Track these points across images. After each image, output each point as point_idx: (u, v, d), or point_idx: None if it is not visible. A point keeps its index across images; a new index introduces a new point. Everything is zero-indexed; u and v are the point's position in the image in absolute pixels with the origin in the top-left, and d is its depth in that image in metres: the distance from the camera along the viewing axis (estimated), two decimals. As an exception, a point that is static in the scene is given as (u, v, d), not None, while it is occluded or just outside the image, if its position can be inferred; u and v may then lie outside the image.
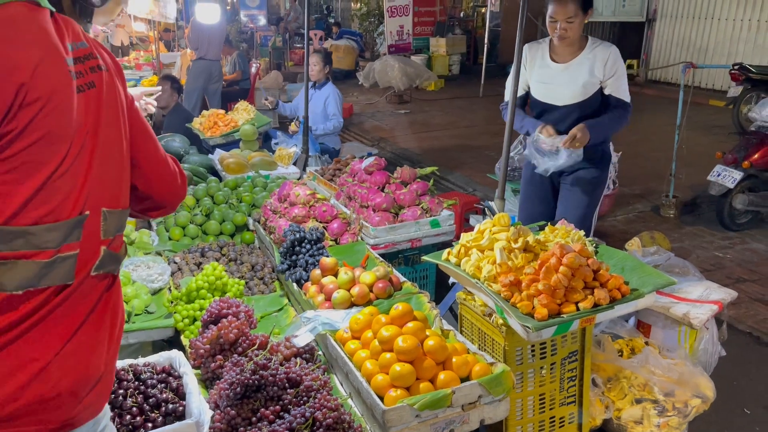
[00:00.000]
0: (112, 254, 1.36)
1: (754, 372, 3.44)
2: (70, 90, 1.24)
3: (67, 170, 1.24)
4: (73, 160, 1.25)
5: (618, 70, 3.26)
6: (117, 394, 1.94)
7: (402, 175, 3.73)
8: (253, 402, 2.04)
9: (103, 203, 1.33)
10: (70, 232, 1.25)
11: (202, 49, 8.11)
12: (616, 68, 3.26)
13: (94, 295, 1.32)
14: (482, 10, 17.22)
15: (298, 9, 17.41)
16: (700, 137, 8.07)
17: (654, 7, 12.86)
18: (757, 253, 5.03)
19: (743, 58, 10.65)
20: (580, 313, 2.21)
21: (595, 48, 3.28)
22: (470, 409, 2.01)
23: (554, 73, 3.36)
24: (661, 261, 3.33)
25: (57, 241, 1.23)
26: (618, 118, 3.29)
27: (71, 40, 1.28)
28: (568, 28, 3.19)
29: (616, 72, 3.26)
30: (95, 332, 1.32)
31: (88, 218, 1.28)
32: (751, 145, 5.29)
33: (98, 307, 1.33)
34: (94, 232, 1.31)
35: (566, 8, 3.15)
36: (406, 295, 2.63)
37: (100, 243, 1.33)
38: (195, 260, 3.35)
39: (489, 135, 9.05)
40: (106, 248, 1.34)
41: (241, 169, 4.73)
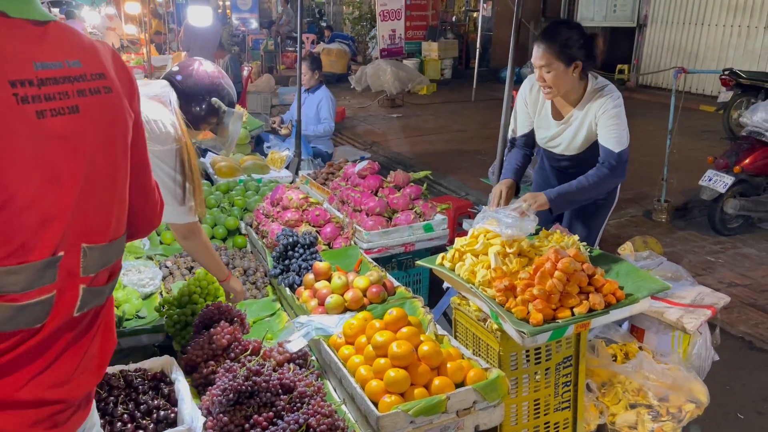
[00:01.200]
0: (95, 290, 1.25)
1: (747, 377, 3.45)
2: (12, 115, 1.07)
3: (29, 205, 1.10)
4: (37, 193, 1.11)
5: (609, 120, 2.81)
6: (107, 401, 1.91)
7: (395, 179, 3.72)
8: (246, 408, 2.01)
9: (84, 238, 1.20)
10: (41, 275, 1.13)
11: (194, 52, 8.09)
12: (608, 119, 2.81)
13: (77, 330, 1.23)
14: (474, 14, 17.28)
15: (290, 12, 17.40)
16: (691, 142, 8.12)
17: (645, 13, 12.94)
18: (749, 258, 5.05)
19: (733, 63, 10.72)
20: (575, 318, 2.20)
21: (590, 102, 2.86)
22: (465, 414, 1.99)
23: (552, 128, 3.04)
24: (653, 265, 3.33)
25: (23, 284, 1.10)
26: (602, 176, 2.80)
27: (54, 58, 1.14)
28: (546, 78, 2.77)
29: (607, 124, 2.82)
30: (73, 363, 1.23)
31: (63, 258, 1.15)
32: (742, 150, 5.32)
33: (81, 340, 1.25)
34: (72, 272, 1.19)
35: (542, 55, 2.74)
36: (399, 299, 2.61)
37: (79, 282, 1.20)
38: (186, 264, 3.32)
39: (481, 139, 9.06)
40: (85, 287, 1.22)
41: (233, 173, 4.71)
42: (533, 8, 14.69)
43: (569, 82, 2.80)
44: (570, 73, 2.76)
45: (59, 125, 1.13)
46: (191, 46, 8.09)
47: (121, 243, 1.34)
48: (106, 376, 1.99)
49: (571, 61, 2.74)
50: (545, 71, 2.75)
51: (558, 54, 2.71)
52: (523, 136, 3.16)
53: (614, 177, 2.83)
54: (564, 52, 2.71)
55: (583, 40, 2.76)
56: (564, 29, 2.76)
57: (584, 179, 2.80)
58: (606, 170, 2.80)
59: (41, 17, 1.16)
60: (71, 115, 1.16)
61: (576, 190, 2.79)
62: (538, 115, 3.08)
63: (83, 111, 1.18)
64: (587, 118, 2.89)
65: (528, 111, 3.09)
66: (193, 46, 8.08)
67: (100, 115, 1.22)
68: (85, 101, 1.18)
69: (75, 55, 1.19)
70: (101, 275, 1.26)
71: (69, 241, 1.17)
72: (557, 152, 3.11)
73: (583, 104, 2.88)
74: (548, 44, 2.72)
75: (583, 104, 2.87)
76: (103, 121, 1.23)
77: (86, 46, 1.24)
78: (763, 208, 5.42)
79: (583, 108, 2.88)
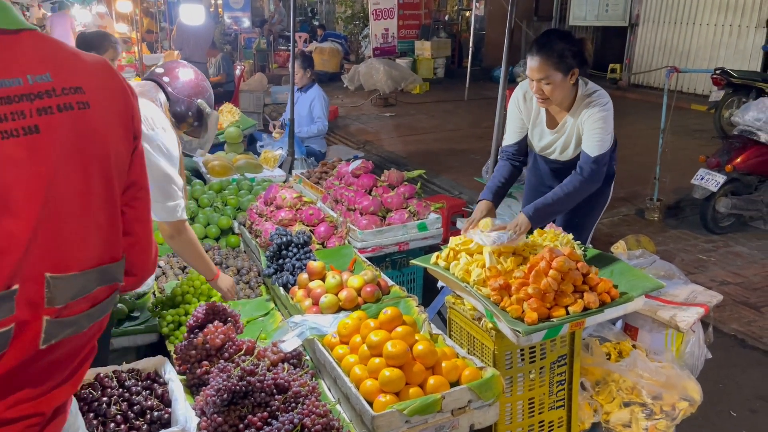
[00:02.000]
0: (65, 321, 1.14)
1: (739, 375, 3.46)
2: None
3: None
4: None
5: (593, 124, 2.79)
6: (100, 402, 1.90)
7: (389, 178, 3.71)
8: (241, 408, 2.00)
9: (49, 268, 1.10)
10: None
11: (187, 50, 8.06)
12: (592, 123, 2.79)
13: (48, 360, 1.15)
14: (467, 13, 17.30)
15: (282, 11, 17.34)
16: (683, 141, 8.15)
17: (637, 12, 12.98)
18: (741, 256, 5.07)
19: (724, 62, 10.76)
20: (570, 317, 2.20)
21: (580, 108, 2.84)
22: (460, 414, 1.99)
23: (547, 136, 3.03)
24: (646, 264, 3.34)
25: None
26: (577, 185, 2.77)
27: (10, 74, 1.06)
28: (545, 89, 2.75)
29: (591, 128, 2.80)
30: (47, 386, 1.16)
31: (21, 289, 1.06)
32: (734, 149, 5.34)
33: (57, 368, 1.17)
34: (34, 303, 1.09)
35: (540, 68, 2.72)
36: (394, 299, 2.61)
37: (43, 313, 1.10)
38: (180, 264, 3.31)
39: (474, 138, 9.07)
40: (50, 318, 1.11)
41: (226, 172, 4.69)
42: (526, 8, 14.72)
43: (566, 90, 2.80)
44: (568, 81, 2.76)
45: (11, 148, 1.04)
46: (184, 44, 8.05)
47: (105, 271, 1.22)
48: (98, 377, 1.98)
49: (568, 70, 2.73)
50: (544, 83, 2.74)
51: (556, 65, 2.70)
52: (515, 144, 3.11)
53: (589, 183, 2.80)
54: (561, 62, 2.70)
55: (576, 47, 2.76)
56: (557, 39, 2.75)
57: (559, 190, 2.78)
58: (580, 177, 2.78)
59: (11, 25, 1.09)
60: (28, 137, 1.06)
61: (552, 202, 2.76)
62: (532, 124, 3.06)
63: (45, 130, 1.08)
64: (576, 125, 2.89)
65: (522, 117, 3.06)
66: (186, 45, 8.04)
67: (69, 134, 1.12)
68: (49, 120, 1.09)
69: (44, 68, 1.10)
70: (75, 305, 1.16)
71: (27, 272, 1.07)
72: (552, 158, 3.11)
73: (575, 109, 2.87)
74: (545, 56, 2.70)
75: (575, 109, 2.87)
76: (74, 140, 1.12)
77: (63, 58, 1.15)
78: (754, 207, 5.45)
79: (576, 114, 2.87)
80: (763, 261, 4.97)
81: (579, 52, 2.76)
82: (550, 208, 2.77)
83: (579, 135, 2.90)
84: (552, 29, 2.87)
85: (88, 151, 1.15)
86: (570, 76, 2.75)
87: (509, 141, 3.13)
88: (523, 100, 3.02)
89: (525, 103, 3.02)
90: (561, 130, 2.96)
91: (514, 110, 3.07)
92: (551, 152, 3.08)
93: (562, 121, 2.94)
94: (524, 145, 3.15)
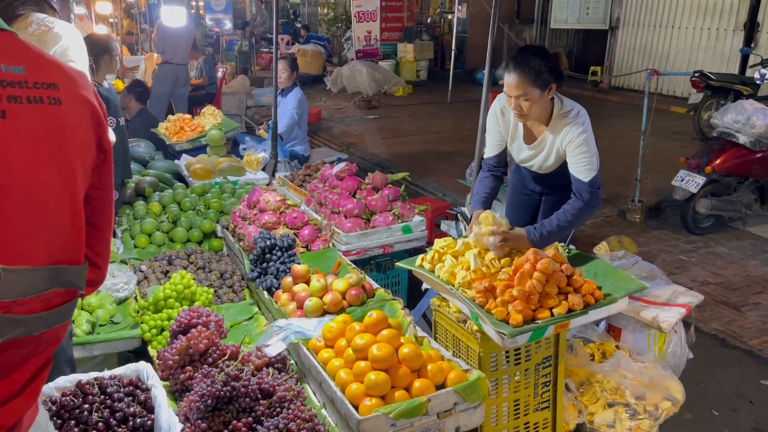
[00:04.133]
0: (12, 318, 1.11)
1: (721, 374, 3.50)
2: None
3: None
4: None
5: (576, 149, 2.79)
6: (82, 409, 1.87)
7: (374, 181, 3.71)
8: (225, 414, 1.98)
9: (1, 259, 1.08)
10: None
11: (168, 52, 7.98)
12: (575, 148, 2.80)
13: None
14: (449, 16, 17.35)
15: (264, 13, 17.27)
16: (663, 143, 8.24)
17: (617, 15, 13.10)
18: (721, 257, 5.14)
19: (703, 65, 10.92)
20: (555, 318, 2.21)
21: (558, 127, 2.85)
22: (446, 416, 1.99)
23: (525, 151, 3.05)
24: (629, 265, 3.37)
25: None
26: (579, 209, 2.77)
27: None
28: (523, 106, 2.75)
29: (574, 153, 2.80)
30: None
31: None
32: (713, 151, 5.41)
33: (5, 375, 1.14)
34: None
35: (518, 85, 2.72)
36: (379, 302, 2.60)
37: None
38: (162, 268, 3.27)
39: (458, 140, 9.09)
40: None
41: (209, 175, 4.66)
42: (507, 11, 14.78)
43: (543, 105, 2.81)
44: (545, 96, 2.77)
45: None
46: (165, 47, 7.98)
47: (61, 272, 1.19)
48: (79, 383, 1.95)
49: (546, 86, 2.74)
50: (522, 100, 2.74)
51: (533, 81, 2.71)
52: (495, 157, 3.11)
53: (590, 207, 2.80)
54: (539, 78, 2.71)
55: (552, 63, 2.77)
56: (533, 56, 2.75)
57: (563, 216, 2.77)
58: (581, 203, 2.78)
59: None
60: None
61: (558, 229, 2.75)
62: (510, 138, 3.07)
63: (11, 117, 1.07)
64: (556, 143, 2.89)
65: (500, 131, 3.06)
66: (167, 47, 7.97)
67: (36, 127, 1.11)
68: (17, 108, 1.08)
69: (18, 62, 1.11)
70: (26, 303, 1.12)
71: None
72: (533, 170, 3.13)
73: (552, 126, 2.88)
74: (522, 73, 2.71)
75: (553, 126, 2.87)
76: (40, 134, 1.12)
77: (38, 56, 1.16)
78: (733, 208, 5.52)
79: (554, 131, 2.88)
80: (742, 261, 5.04)
81: (555, 67, 2.77)
82: (556, 236, 2.74)
83: (559, 152, 2.91)
84: (527, 45, 2.90)
85: (54, 147, 1.14)
86: (547, 91, 2.76)
87: (489, 153, 3.14)
88: (501, 115, 3.03)
89: (503, 117, 3.03)
90: (540, 146, 2.97)
91: (493, 124, 3.07)
92: (531, 165, 3.10)
93: (540, 137, 2.95)
94: (504, 157, 3.17)
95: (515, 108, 2.80)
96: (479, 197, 3.06)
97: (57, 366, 2.29)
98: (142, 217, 3.91)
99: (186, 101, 8.21)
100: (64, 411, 1.85)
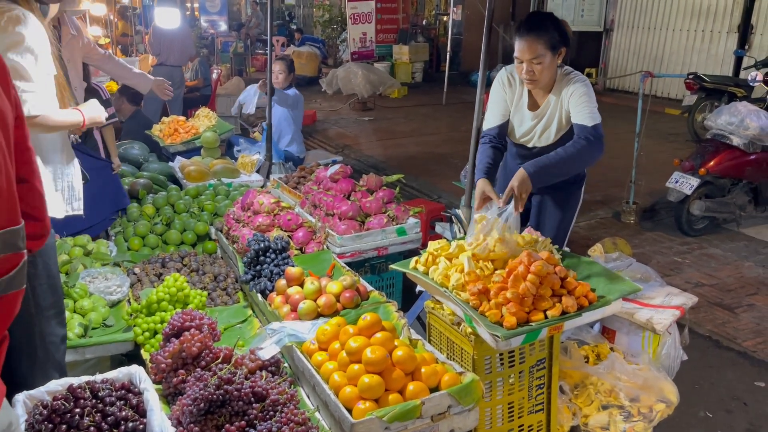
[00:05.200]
0: None
1: (714, 376, 3.51)
2: None
3: None
4: None
5: (579, 98, 2.83)
6: (73, 413, 1.85)
7: (368, 183, 3.70)
8: (218, 418, 1.97)
9: None
10: None
11: (163, 54, 7.97)
12: (578, 98, 2.84)
13: None
14: (444, 18, 17.37)
15: (259, 15, 17.28)
16: (657, 145, 8.26)
17: (611, 18, 13.15)
18: (715, 258, 5.15)
19: (697, 67, 10.96)
20: (549, 321, 2.21)
21: (561, 86, 2.91)
22: (440, 419, 1.98)
23: (527, 120, 3.05)
24: (623, 267, 3.37)
25: None
26: (580, 148, 2.74)
27: None
28: (535, 70, 2.79)
29: (578, 102, 2.84)
30: None
31: None
32: (707, 153, 5.42)
33: None
34: None
35: (531, 47, 2.75)
36: (373, 304, 2.60)
37: None
38: (155, 271, 3.26)
39: (453, 142, 9.10)
40: None
41: (203, 177, 4.64)
42: (503, 12, 14.81)
43: (552, 70, 2.85)
44: (555, 61, 2.82)
45: None
46: (160, 49, 7.96)
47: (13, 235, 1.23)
48: (71, 387, 1.94)
49: (556, 49, 2.80)
50: (535, 63, 2.77)
51: (547, 43, 2.76)
52: (497, 128, 3.07)
53: (593, 149, 2.75)
54: (551, 40, 2.76)
55: (561, 28, 2.83)
56: (545, 19, 2.82)
57: (562, 151, 2.74)
58: (584, 142, 2.75)
59: None
60: None
61: (554, 162, 2.70)
62: (515, 108, 3.07)
63: None
64: (559, 103, 2.93)
65: (506, 99, 3.05)
66: (162, 49, 7.95)
67: None
68: None
69: None
70: None
71: None
72: (530, 145, 3.11)
73: (556, 89, 2.92)
74: (535, 36, 2.75)
75: (557, 89, 2.92)
76: None
77: None
78: (727, 209, 5.54)
79: (558, 92, 2.92)
80: (736, 262, 5.06)
81: (564, 32, 2.83)
82: (552, 169, 2.70)
83: (561, 114, 2.94)
84: (537, 11, 2.93)
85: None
86: (558, 55, 2.82)
87: (492, 124, 3.09)
88: (508, 84, 3.04)
89: (510, 87, 3.04)
90: (543, 112, 2.99)
91: (499, 92, 3.07)
92: (530, 138, 3.09)
93: (544, 101, 2.97)
94: (505, 129, 3.13)
95: (527, 73, 2.82)
96: (483, 166, 2.97)
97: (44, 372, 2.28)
98: (135, 219, 3.90)
99: (181, 103, 8.20)
100: (56, 415, 1.84)
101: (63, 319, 2.45)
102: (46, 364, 2.31)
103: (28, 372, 2.27)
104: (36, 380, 2.11)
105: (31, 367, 2.29)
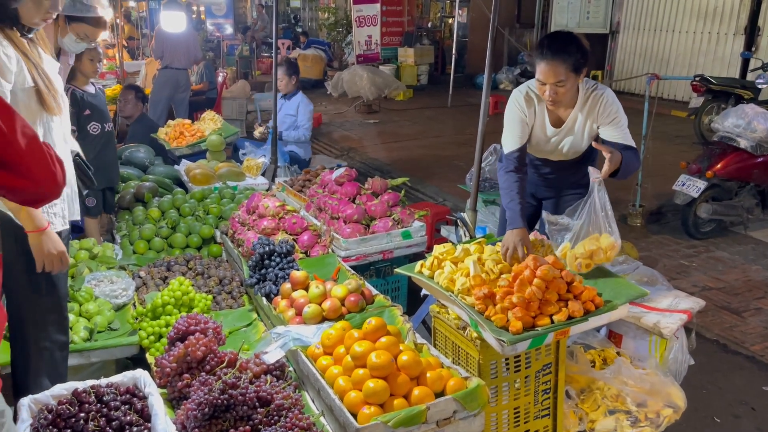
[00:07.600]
0: None
1: (722, 380, 3.48)
2: None
3: None
4: None
5: (615, 114, 2.85)
6: (78, 418, 1.85)
7: (373, 186, 3.69)
8: (222, 422, 1.97)
9: None
10: None
11: (167, 57, 7.98)
12: (611, 113, 2.85)
13: None
14: (450, 20, 17.38)
15: (265, 18, 17.31)
16: (664, 147, 8.22)
17: (617, 20, 13.11)
18: (722, 261, 5.11)
19: (703, 69, 10.91)
20: (555, 325, 2.19)
21: (588, 103, 2.88)
22: (445, 425, 1.97)
23: (552, 136, 3.01)
24: (629, 270, 3.35)
25: None
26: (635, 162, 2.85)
27: None
28: (558, 92, 2.75)
29: (613, 119, 2.85)
30: None
31: None
32: (714, 155, 5.39)
33: None
34: None
35: (556, 72, 2.70)
36: (378, 308, 2.59)
37: None
38: (160, 274, 3.26)
39: (458, 145, 9.09)
40: None
41: (208, 180, 4.65)
42: (508, 14, 14.80)
43: (575, 89, 2.83)
44: (578, 81, 2.80)
45: None
46: (164, 52, 7.97)
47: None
48: (76, 392, 1.94)
49: (579, 71, 2.76)
50: (560, 86, 2.73)
51: (570, 67, 2.71)
52: (517, 150, 2.96)
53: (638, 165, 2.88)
54: (575, 63, 2.72)
55: (582, 47, 2.77)
56: (569, 43, 2.74)
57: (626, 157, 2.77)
58: (635, 158, 2.85)
59: None
60: None
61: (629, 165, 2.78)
62: (537, 127, 3.01)
63: None
64: (587, 120, 2.91)
65: (526, 120, 2.97)
66: (166, 52, 7.96)
67: None
68: None
69: None
70: None
71: None
72: (553, 158, 3.08)
73: (581, 104, 2.89)
74: (561, 60, 2.70)
75: (582, 104, 2.89)
76: None
77: None
78: (734, 212, 5.50)
79: (583, 108, 2.89)
80: (743, 266, 5.02)
81: (586, 51, 2.78)
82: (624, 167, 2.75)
83: (590, 130, 2.93)
84: (560, 32, 2.88)
85: None
86: (581, 75, 2.79)
87: (512, 147, 2.97)
88: (527, 105, 2.95)
89: (529, 108, 2.96)
90: (569, 128, 2.95)
91: (518, 114, 2.96)
92: (554, 152, 3.06)
93: (568, 117, 2.94)
94: (525, 151, 3.06)
95: (550, 95, 2.77)
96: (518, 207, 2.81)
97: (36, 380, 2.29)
98: (141, 222, 3.90)
99: (186, 106, 8.21)
100: (60, 419, 1.84)
101: (65, 326, 2.44)
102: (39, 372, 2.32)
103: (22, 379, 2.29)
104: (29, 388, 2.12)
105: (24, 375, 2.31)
